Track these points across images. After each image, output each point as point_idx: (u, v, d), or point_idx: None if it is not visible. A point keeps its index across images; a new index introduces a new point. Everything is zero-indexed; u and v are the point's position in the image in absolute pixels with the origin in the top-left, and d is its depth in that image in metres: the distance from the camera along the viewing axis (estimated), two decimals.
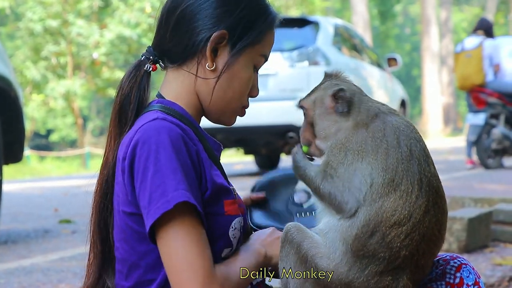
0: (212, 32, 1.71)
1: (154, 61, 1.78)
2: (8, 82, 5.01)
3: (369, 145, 1.63)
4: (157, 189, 1.57)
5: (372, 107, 1.70)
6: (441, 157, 14.46)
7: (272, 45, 1.82)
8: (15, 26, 27.21)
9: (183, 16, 1.74)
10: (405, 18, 50.53)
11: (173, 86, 1.77)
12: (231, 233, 1.69)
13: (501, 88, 9.89)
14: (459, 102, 40.40)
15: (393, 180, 1.58)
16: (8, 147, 5.09)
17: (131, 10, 25.41)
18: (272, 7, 1.82)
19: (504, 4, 38.49)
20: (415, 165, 1.60)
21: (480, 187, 7.54)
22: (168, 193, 1.56)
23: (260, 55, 1.78)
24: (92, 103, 39.47)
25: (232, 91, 1.75)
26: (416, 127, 1.69)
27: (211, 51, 1.72)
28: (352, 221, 1.59)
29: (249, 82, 1.77)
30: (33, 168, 20.97)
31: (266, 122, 9.37)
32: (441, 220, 1.63)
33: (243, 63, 1.75)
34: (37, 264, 4.07)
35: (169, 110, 1.71)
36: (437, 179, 1.65)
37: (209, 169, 1.68)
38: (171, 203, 1.55)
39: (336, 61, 9.79)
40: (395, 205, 1.57)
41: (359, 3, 26.39)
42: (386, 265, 1.57)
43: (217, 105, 1.76)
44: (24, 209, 7.38)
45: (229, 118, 1.81)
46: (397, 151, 1.61)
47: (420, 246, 1.59)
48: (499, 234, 4.36)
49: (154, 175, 1.58)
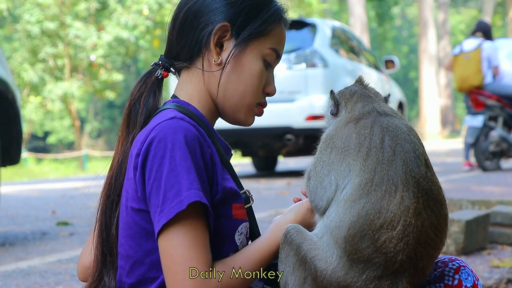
0: (214, 26, 1.72)
1: (165, 68, 1.79)
2: (5, 84, 5.00)
3: (352, 142, 1.63)
4: (171, 188, 1.57)
5: (367, 105, 1.71)
6: (438, 159, 14.47)
7: (283, 42, 1.80)
8: (13, 28, 27.19)
9: (187, 16, 1.75)
10: (402, 20, 50.57)
11: (186, 86, 1.77)
12: (237, 237, 1.69)
13: (499, 90, 9.90)
14: (456, 104, 40.44)
15: (372, 180, 1.57)
16: (6, 149, 5.08)
17: (128, 12, 25.42)
18: (278, 2, 1.81)
19: (502, 7, 38.55)
20: (399, 166, 1.58)
21: (477, 189, 7.55)
22: (182, 193, 1.56)
23: (269, 48, 1.76)
24: (89, 105, 39.45)
25: (244, 84, 1.74)
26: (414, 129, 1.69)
27: (215, 45, 1.73)
28: (335, 222, 1.59)
29: (260, 75, 1.75)
30: (30, 170, 20.96)
31: (263, 124, 9.37)
32: (437, 222, 1.60)
33: (251, 55, 1.74)
34: (35, 267, 4.06)
35: (184, 110, 1.71)
36: (430, 181, 1.61)
37: (221, 173, 1.68)
38: (184, 203, 1.55)
39: (334, 63, 9.80)
40: (378, 207, 1.55)
41: (357, 5, 26.41)
42: (384, 270, 1.56)
43: (230, 101, 1.75)
44: (22, 211, 7.37)
45: (245, 115, 1.78)
46: (379, 151, 1.59)
47: (417, 250, 1.57)
48: (496, 236, 4.36)
49: (169, 173, 1.57)
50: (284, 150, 10.13)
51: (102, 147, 38.70)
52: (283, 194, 7.77)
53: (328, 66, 9.61)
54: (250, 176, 10.94)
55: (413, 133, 1.66)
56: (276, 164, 11.99)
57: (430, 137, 29.76)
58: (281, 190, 8.20)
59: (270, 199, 7.14)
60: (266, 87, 1.79)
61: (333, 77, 9.69)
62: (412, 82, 46.98)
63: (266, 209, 6.16)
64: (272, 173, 11.62)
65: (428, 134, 30.04)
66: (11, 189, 11.39)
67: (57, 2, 24.48)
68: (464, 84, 9.95)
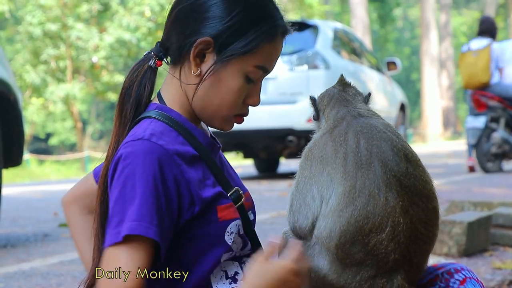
0: (198, 37, 1.67)
1: (159, 56, 1.75)
2: (7, 85, 5.00)
3: (329, 151, 1.63)
4: (117, 214, 1.55)
5: (341, 111, 1.72)
6: (440, 160, 14.46)
7: (275, 57, 1.71)
8: (15, 30, 27.24)
9: (179, 15, 1.71)
10: (404, 21, 50.58)
11: (169, 87, 1.74)
12: (227, 237, 1.66)
13: (503, 92, 9.86)
14: (458, 105, 40.42)
15: (354, 187, 1.57)
16: (8, 151, 5.08)
17: (130, 14, 25.45)
18: (280, 17, 1.71)
19: (504, 8, 38.55)
20: (378, 167, 1.57)
21: (479, 190, 7.54)
22: (123, 224, 1.54)
23: (253, 66, 1.67)
24: (91, 107, 39.50)
25: (220, 99, 1.68)
26: (415, 130, 1.69)
27: (194, 56, 1.67)
28: (326, 233, 1.58)
29: (239, 92, 1.67)
30: (32, 172, 20.97)
31: (265, 125, 9.37)
32: (425, 217, 1.60)
33: (231, 72, 1.67)
34: (37, 268, 4.06)
35: (164, 118, 1.68)
36: (412, 177, 1.60)
37: (196, 186, 1.63)
38: (121, 234, 1.53)
39: (336, 65, 9.80)
40: (365, 212, 1.55)
41: (359, 7, 26.42)
42: (377, 270, 1.57)
43: (206, 111, 1.71)
44: (24, 213, 7.37)
45: (219, 124, 1.73)
46: (356, 156, 1.59)
47: (410, 247, 1.58)
48: (498, 237, 4.35)
49: (118, 199, 1.57)
50: (285, 152, 10.12)
51: (104, 148, 38.63)
52: (285, 196, 7.76)
53: (330, 67, 9.60)
54: (251, 178, 10.94)
55: (390, 129, 1.65)
56: (278, 166, 11.98)
57: (432, 139, 29.75)
58: (283, 191, 8.19)
59: (272, 201, 7.14)
60: (249, 99, 1.72)
61: (335, 79, 9.50)
62: (414, 83, 46.97)
63: (268, 211, 6.16)
64: (274, 174, 11.62)
65: (430, 136, 30.03)
66: (13, 190, 11.40)
67: (59, 3, 24.52)
68: (472, 81, 9.82)
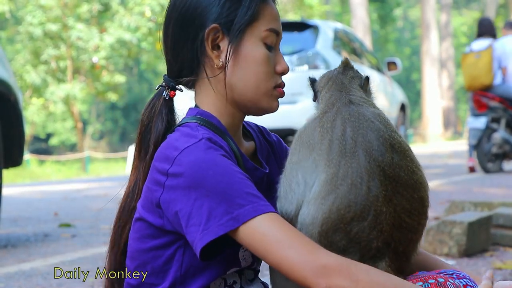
0: (203, 31, 1.68)
1: (170, 87, 1.74)
2: (8, 86, 5.01)
3: (316, 136, 1.62)
4: (224, 205, 1.54)
5: (334, 95, 1.71)
6: (440, 161, 14.47)
7: (277, 17, 1.73)
8: (15, 30, 27.26)
9: (174, 33, 1.72)
10: (404, 22, 50.59)
11: (202, 97, 1.74)
12: (241, 254, 1.66)
13: (505, 93, 9.85)
14: (459, 106, 40.45)
15: (337, 175, 1.57)
16: (8, 151, 5.09)
17: (130, 14, 25.47)
18: None
19: (504, 8, 38.56)
20: (362, 156, 1.57)
21: (480, 191, 7.54)
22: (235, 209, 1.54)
23: (265, 30, 1.69)
24: (92, 107, 39.50)
25: (253, 74, 1.68)
26: (415, 131, 1.68)
27: (211, 49, 1.68)
28: (309, 220, 1.59)
29: (266, 60, 1.69)
30: (32, 172, 20.98)
31: (265, 126, 9.34)
32: (410, 207, 1.59)
33: (249, 44, 1.68)
34: (37, 268, 4.07)
35: (207, 123, 1.68)
36: (397, 167, 1.59)
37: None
38: (258, 212, 1.53)
39: (336, 65, 9.74)
40: (346, 201, 1.55)
41: (359, 7, 26.43)
42: (360, 257, 1.56)
43: (246, 96, 1.70)
44: (24, 213, 7.38)
45: (267, 103, 1.73)
46: (341, 143, 1.59)
47: (394, 235, 1.57)
48: (499, 238, 4.35)
49: (215, 197, 1.54)
50: None
51: (104, 149, 38.74)
52: None
53: (330, 68, 9.57)
54: None
55: (379, 119, 1.64)
56: None
57: (432, 139, 29.77)
58: None
59: None
60: (277, 67, 1.72)
61: None
62: (414, 84, 46.98)
63: None
64: None
65: (430, 136, 30.05)
66: (13, 191, 11.40)
67: (59, 4, 24.53)
68: (474, 83, 9.81)
